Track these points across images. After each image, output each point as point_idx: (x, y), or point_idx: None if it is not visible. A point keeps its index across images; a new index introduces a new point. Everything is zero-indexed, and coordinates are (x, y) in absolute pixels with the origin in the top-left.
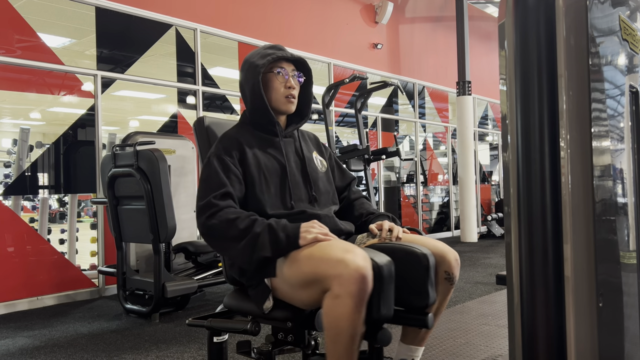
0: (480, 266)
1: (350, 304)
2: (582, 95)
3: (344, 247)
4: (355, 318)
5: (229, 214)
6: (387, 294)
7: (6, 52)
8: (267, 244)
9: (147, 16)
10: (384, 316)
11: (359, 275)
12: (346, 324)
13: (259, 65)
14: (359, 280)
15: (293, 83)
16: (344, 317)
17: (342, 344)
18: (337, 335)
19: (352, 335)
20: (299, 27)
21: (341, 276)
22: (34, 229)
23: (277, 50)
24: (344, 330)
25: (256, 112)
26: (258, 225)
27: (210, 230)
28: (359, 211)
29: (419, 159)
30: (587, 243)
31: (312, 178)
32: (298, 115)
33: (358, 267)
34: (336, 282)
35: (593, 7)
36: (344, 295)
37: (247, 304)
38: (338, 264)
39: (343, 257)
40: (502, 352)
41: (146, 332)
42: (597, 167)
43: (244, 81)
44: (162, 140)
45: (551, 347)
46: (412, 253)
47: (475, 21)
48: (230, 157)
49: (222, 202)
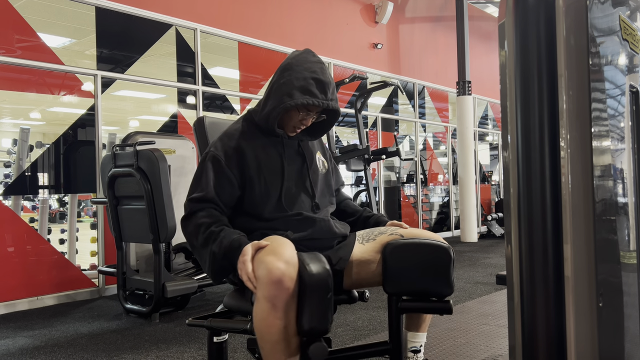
0: (480, 266)
1: (265, 307)
2: (582, 95)
3: (274, 248)
4: (272, 323)
5: (197, 219)
6: (318, 304)
7: (6, 52)
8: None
9: (147, 16)
10: (312, 328)
11: (273, 278)
12: (264, 328)
13: (293, 98)
14: (273, 284)
15: (308, 122)
16: (261, 320)
17: (265, 349)
18: (260, 339)
19: (272, 341)
20: (299, 27)
21: (260, 278)
22: (34, 229)
23: (319, 92)
24: (264, 335)
25: (263, 123)
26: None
27: (184, 233)
28: (352, 209)
29: (419, 159)
30: (587, 243)
31: (312, 180)
32: (310, 134)
33: (272, 269)
34: (257, 284)
35: (593, 7)
36: (260, 297)
37: (247, 304)
38: (260, 266)
39: (264, 259)
40: (502, 352)
41: (146, 332)
42: (597, 167)
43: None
44: (162, 140)
45: (551, 347)
46: (437, 246)
47: (475, 21)
48: (227, 159)
49: (198, 204)
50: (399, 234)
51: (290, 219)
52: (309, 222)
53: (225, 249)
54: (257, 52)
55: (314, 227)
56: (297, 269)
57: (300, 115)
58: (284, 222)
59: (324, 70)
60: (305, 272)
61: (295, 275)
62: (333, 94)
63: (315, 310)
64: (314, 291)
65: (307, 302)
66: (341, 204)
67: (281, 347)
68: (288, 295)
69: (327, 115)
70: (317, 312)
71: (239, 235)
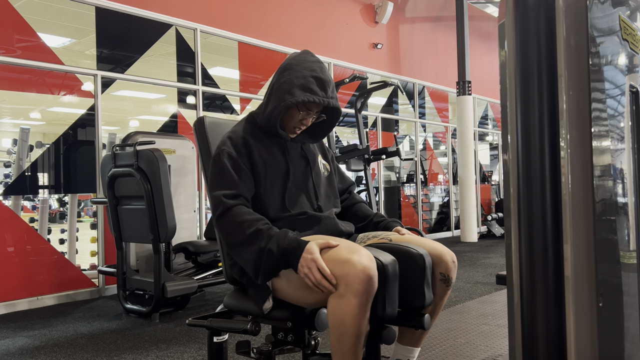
0: (480, 266)
1: (356, 303)
2: (582, 95)
3: (350, 247)
4: (360, 317)
5: (237, 216)
6: (392, 292)
7: (6, 52)
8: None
9: (147, 16)
10: (388, 315)
11: (365, 276)
12: (351, 323)
13: (294, 95)
14: (365, 280)
15: (309, 122)
16: (349, 316)
17: (347, 343)
18: (342, 335)
19: (356, 335)
20: (299, 27)
21: (347, 276)
22: (34, 229)
23: (319, 90)
24: (349, 330)
25: (265, 123)
26: (262, 239)
27: (219, 230)
28: (365, 213)
29: (419, 159)
30: (587, 243)
31: (315, 182)
32: (311, 137)
33: (364, 267)
34: (342, 282)
35: (593, 7)
36: (349, 294)
37: (247, 304)
38: (344, 264)
39: (349, 258)
40: (502, 352)
41: (146, 332)
42: (597, 167)
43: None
44: (162, 140)
45: (551, 347)
46: (409, 253)
47: (475, 21)
48: (240, 156)
49: (232, 201)
50: (388, 239)
51: (296, 219)
52: (314, 220)
53: (284, 248)
54: (257, 52)
55: (319, 225)
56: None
57: (300, 114)
58: (289, 222)
59: (323, 69)
60: (380, 264)
61: (376, 270)
62: (333, 92)
63: (392, 298)
64: (389, 280)
65: (386, 291)
66: (353, 207)
67: (362, 340)
68: (375, 290)
69: (327, 115)
70: (393, 299)
71: (295, 234)
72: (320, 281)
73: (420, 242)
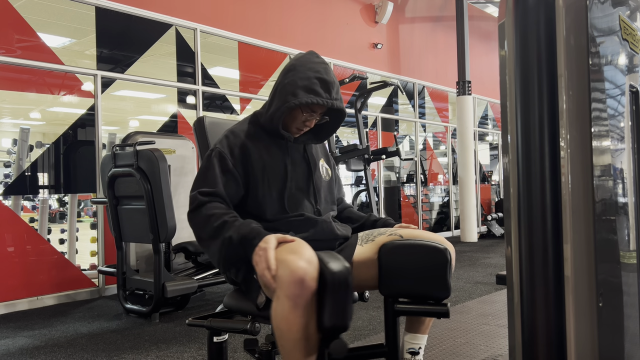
0: (480, 266)
1: (287, 306)
2: (582, 95)
3: (293, 248)
4: (293, 321)
5: (207, 210)
6: (339, 302)
7: (6, 52)
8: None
9: (147, 16)
10: (333, 325)
11: (295, 278)
12: (285, 326)
13: (298, 97)
14: (294, 283)
15: (312, 123)
16: (282, 319)
17: (286, 347)
18: (280, 338)
19: (294, 339)
20: (299, 27)
21: (281, 277)
22: (34, 229)
23: (323, 91)
24: (284, 333)
25: (268, 124)
26: (227, 230)
27: (191, 226)
28: (358, 214)
29: (419, 159)
30: (587, 243)
31: (316, 186)
32: (315, 137)
33: (296, 269)
34: (278, 283)
35: (593, 7)
36: (282, 296)
37: (247, 304)
38: (280, 264)
39: (285, 258)
40: (502, 352)
41: (146, 332)
42: (597, 167)
43: (278, 87)
44: (162, 140)
45: (551, 347)
46: (435, 248)
47: (475, 21)
48: (233, 157)
49: (206, 197)
50: (398, 235)
51: (292, 220)
52: (311, 223)
53: (243, 235)
54: (257, 52)
55: (315, 227)
56: (318, 268)
57: (303, 116)
58: (286, 223)
59: (327, 71)
60: (326, 270)
61: (317, 274)
62: (337, 94)
63: (337, 308)
64: (336, 289)
65: (329, 299)
66: (344, 211)
67: (301, 345)
68: (310, 294)
69: (331, 116)
70: (338, 310)
71: (259, 226)
72: (263, 271)
73: (430, 237)
